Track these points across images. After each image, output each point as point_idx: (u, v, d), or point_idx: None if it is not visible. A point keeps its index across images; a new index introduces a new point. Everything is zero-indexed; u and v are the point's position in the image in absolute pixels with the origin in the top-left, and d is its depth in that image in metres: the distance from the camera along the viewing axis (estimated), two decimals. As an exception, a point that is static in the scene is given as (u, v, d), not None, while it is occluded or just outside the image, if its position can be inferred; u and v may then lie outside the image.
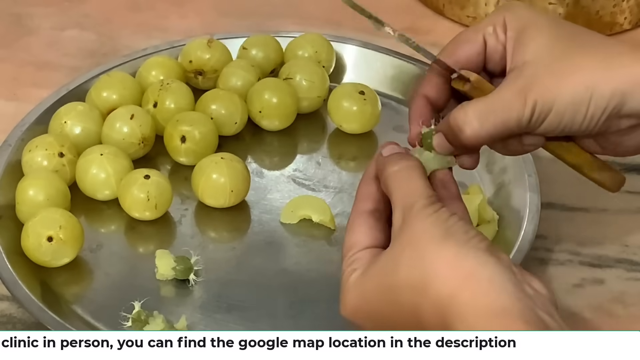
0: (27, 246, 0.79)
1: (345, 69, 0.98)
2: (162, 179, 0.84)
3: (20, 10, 1.08)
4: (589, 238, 0.84)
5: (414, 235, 0.61)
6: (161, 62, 0.94)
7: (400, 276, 0.61)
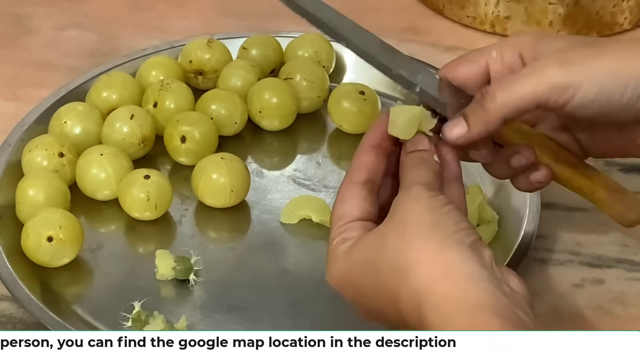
0: (27, 246, 0.79)
1: (345, 69, 0.98)
2: (162, 179, 0.84)
3: (20, 10, 1.08)
4: (589, 238, 0.84)
5: (404, 218, 0.62)
6: (161, 62, 0.94)
7: (385, 256, 0.61)
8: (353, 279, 0.64)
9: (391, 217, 0.63)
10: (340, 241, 0.65)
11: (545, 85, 0.66)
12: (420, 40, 1.05)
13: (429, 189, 0.63)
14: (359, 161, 0.68)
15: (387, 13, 1.08)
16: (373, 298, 0.63)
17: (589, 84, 0.65)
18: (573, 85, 0.65)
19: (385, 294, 0.62)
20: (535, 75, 0.66)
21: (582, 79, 0.65)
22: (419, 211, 0.62)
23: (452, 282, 0.59)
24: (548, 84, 0.66)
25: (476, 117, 0.67)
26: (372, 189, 0.67)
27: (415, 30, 1.06)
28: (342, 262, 0.65)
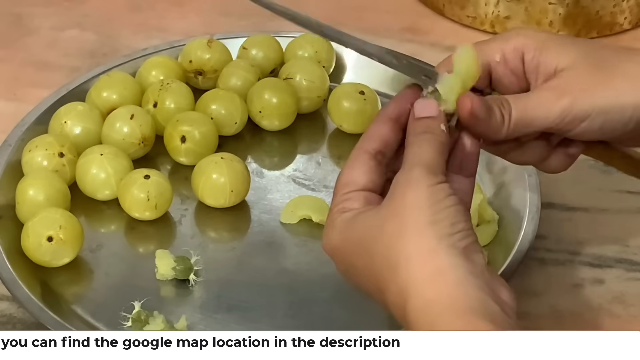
0: (27, 246, 0.79)
1: (345, 69, 0.98)
2: (162, 179, 0.84)
3: (20, 10, 1.08)
4: (589, 238, 0.84)
5: (402, 207, 0.61)
6: (161, 62, 0.94)
7: (379, 245, 0.61)
8: (346, 253, 0.64)
9: (391, 200, 0.62)
10: (341, 209, 0.64)
11: (554, 117, 0.66)
12: (420, 40, 1.05)
13: (431, 173, 0.62)
14: (373, 131, 0.67)
15: (387, 13, 1.08)
16: (362, 278, 0.63)
17: (595, 115, 0.66)
18: (580, 117, 0.66)
19: (374, 281, 0.62)
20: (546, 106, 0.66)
21: (589, 110, 0.66)
22: (417, 202, 0.61)
23: (440, 287, 0.58)
24: (557, 115, 0.66)
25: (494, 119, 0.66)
26: (381, 160, 0.66)
27: (415, 30, 1.06)
28: (339, 233, 0.64)
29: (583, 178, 0.89)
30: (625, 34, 1.05)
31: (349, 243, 0.64)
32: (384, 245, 0.61)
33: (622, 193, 0.88)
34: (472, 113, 0.65)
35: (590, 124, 0.66)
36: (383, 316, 0.77)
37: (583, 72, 0.67)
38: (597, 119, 0.66)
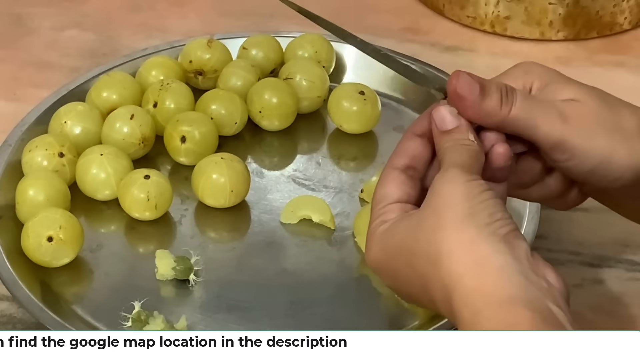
0: (27, 246, 0.79)
1: (345, 69, 0.98)
2: (162, 179, 0.84)
3: (20, 10, 1.08)
4: (589, 238, 0.84)
5: (440, 204, 0.61)
6: (161, 62, 0.94)
7: (419, 243, 0.61)
8: (389, 262, 0.64)
9: (428, 200, 0.63)
10: (379, 223, 0.65)
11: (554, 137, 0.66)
12: (420, 40, 1.05)
13: (466, 172, 0.62)
14: (400, 147, 0.67)
15: (387, 13, 1.08)
16: (407, 283, 0.63)
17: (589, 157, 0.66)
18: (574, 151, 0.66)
19: (418, 280, 0.62)
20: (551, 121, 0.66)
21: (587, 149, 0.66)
22: (455, 198, 0.61)
23: (483, 275, 0.58)
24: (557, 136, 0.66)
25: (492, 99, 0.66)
26: (413, 175, 0.66)
27: (415, 30, 1.06)
28: (380, 244, 0.64)
29: (583, 178, 0.89)
30: (625, 34, 1.05)
31: (390, 250, 0.64)
32: (425, 241, 0.61)
33: (622, 193, 0.88)
34: (455, 91, 0.65)
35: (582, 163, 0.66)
36: (383, 316, 0.77)
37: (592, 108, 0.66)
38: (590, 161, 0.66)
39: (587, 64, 1.02)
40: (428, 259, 0.61)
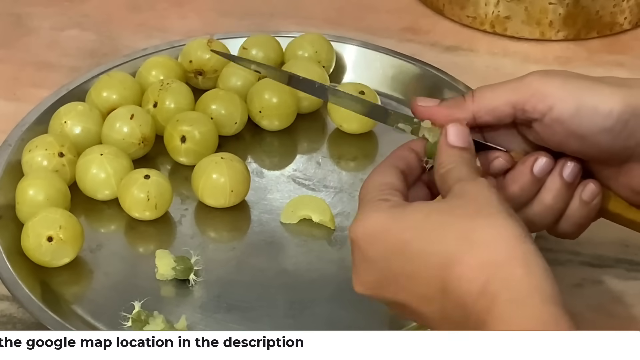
0: (27, 246, 0.79)
1: (345, 69, 0.98)
2: (162, 179, 0.84)
3: (20, 10, 1.08)
4: (589, 238, 0.84)
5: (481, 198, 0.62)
6: (161, 62, 0.94)
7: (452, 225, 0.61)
8: (394, 236, 0.62)
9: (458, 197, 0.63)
10: (383, 200, 0.64)
11: (521, 90, 0.67)
12: (420, 40, 1.05)
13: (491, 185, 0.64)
14: (399, 153, 0.69)
15: (387, 13, 1.08)
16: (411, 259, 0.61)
17: (569, 97, 0.66)
18: (552, 94, 0.66)
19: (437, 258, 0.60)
20: (518, 80, 0.68)
21: (564, 92, 0.66)
22: (491, 197, 0.62)
23: (530, 270, 0.59)
24: (524, 88, 0.67)
25: (453, 101, 0.69)
26: (404, 179, 0.67)
27: (415, 30, 1.06)
28: (386, 215, 0.63)
29: (583, 178, 0.89)
30: (625, 34, 1.05)
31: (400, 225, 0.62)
32: (461, 223, 0.60)
33: (622, 193, 0.88)
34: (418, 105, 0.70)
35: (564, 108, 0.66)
36: (383, 316, 0.77)
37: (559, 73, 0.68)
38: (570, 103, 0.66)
39: (587, 64, 1.02)
40: (462, 239, 0.60)
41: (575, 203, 0.71)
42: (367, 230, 0.64)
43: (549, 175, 0.69)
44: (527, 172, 0.69)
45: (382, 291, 0.64)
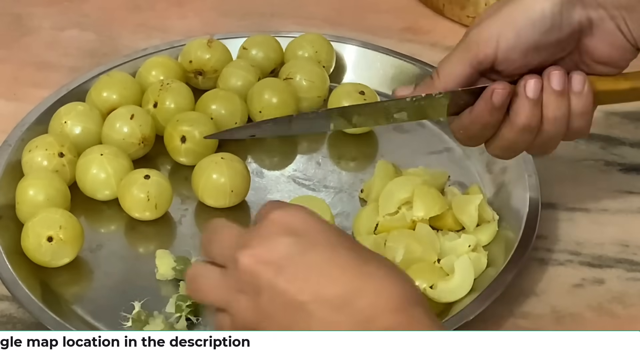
0: (27, 246, 0.79)
1: (345, 69, 0.98)
2: (162, 179, 0.84)
3: (20, 10, 1.08)
4: (589, 238, 0.84)
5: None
6: (161, 62, 0.94)
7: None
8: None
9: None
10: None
11: (468, 48, 0.73)
12: (420, 40, 1.05)
13: None
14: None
15: (387, 13, 1.08)
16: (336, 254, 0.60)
17: (505, 30, 0.72)
18: (491, 37, 0.72)
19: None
20: (461, 43, 0.74)
21: (497, 29, 0.72)
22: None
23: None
24: (469, 45, 0.73)
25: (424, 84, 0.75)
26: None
27: (415, 30, 1.06)
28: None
29: (583, 178, 0.89)
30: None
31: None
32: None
33: (622, 193, 0.88)
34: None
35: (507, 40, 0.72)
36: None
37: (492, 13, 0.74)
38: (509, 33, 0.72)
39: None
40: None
41: (573, 101, 0.74)
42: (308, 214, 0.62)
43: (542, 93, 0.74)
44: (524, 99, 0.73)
45: (276, 271, 0.59)
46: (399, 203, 0.81)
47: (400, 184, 0.82)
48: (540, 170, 0.85)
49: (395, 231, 0.80)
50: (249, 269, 0.59)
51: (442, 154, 0.91)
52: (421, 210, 0.81)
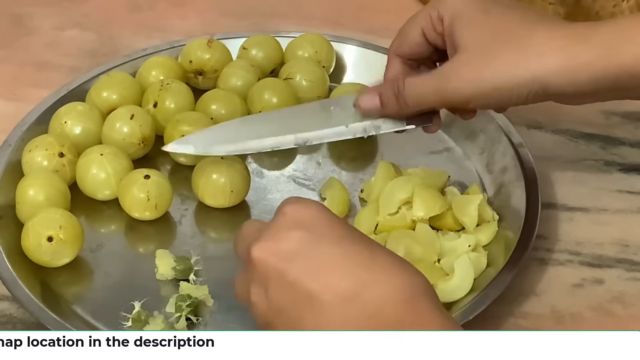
0: (27, 246, 0.79)
1: (345, 69, 0.98)
2: (162, 179, 0.84)
3: (20, 10, 1.08)
4: (589, 238, 0.84)
5: None
6: (161, 62, 0.94)
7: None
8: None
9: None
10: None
11: (442, 99, 0.75)
12: (420, 40, 1.04)
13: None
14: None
15: (387, 13, 1.08)
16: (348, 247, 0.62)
17: (479, 98, 0.73)
18: (465, 101, 0.74)
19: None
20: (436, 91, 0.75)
21: (471, 96, 0.73)
22: None
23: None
24: (444, 99, 0.75)
25: (390, 103, 0.77)
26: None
27: (415, 30, 1.06)
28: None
29: (583, 178, 0.89)
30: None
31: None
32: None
33: (622, 193, 0.88)
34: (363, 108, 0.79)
35: (478, 104, 0.75)
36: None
37: (474, 56, 0.73)
38: (482, 101, 0.74)
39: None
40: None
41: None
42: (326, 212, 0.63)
43: None
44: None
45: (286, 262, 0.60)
46: (399, 203, 0.81)
47: (401, 184, 0.82)
48: (540, 170, 0.85)
49: (395, 231, 0.80)
50: (259, 261, 0.61)
51: (442, 154, 0.91)
52: (421, 210, 0.81)
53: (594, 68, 0.70)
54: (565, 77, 0.71)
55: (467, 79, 0.73)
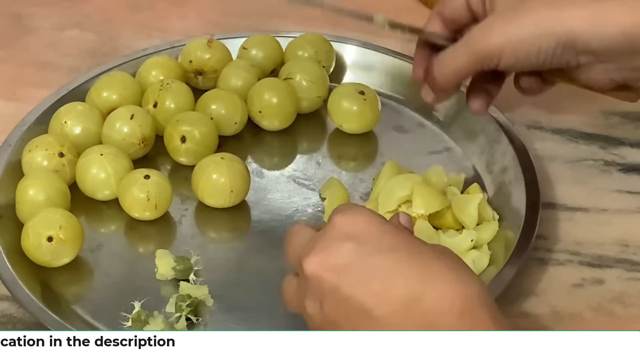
0: (27, 246, 0.79)
1: (345, 69, 0.98)
2: (162, 179, 0.84)
3: (20, 10, 1.08)
4: (589, 238, 0.84)
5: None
6: (161, 62, 0.94)
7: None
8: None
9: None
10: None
11: (474, 58, 0.75)
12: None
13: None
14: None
15: (387, 13, 1.08)
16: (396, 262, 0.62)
17: (507, 52, 0.74)
18: (495, 55, 0.74)
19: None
20: (466, 50, 0.76)
21: (501, 49, 0.74)
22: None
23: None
24: (476, 57, 0.75)
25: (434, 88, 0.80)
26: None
27: (415, 30, 1.06)
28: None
29: (583, 178, 0.89)
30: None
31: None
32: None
33: (622, 193, 0.88)
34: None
35: (507, 61, 0.74)
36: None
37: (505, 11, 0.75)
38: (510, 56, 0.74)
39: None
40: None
41: None
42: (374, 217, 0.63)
43: None
44: None
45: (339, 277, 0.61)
46: (399, 201, 0.82)
47: (400, 182, 0.82)
48: (540, 170, 0.86)
49: (395, 231, 0.80)
50: (313, 275, 0.61)
51: (442, 154, 0.91)
52: (421, 207, 0.81)
53: (623, 24, 0.71)
54: (593, 31, 0.71)
55: (495, 29, 0.74)
